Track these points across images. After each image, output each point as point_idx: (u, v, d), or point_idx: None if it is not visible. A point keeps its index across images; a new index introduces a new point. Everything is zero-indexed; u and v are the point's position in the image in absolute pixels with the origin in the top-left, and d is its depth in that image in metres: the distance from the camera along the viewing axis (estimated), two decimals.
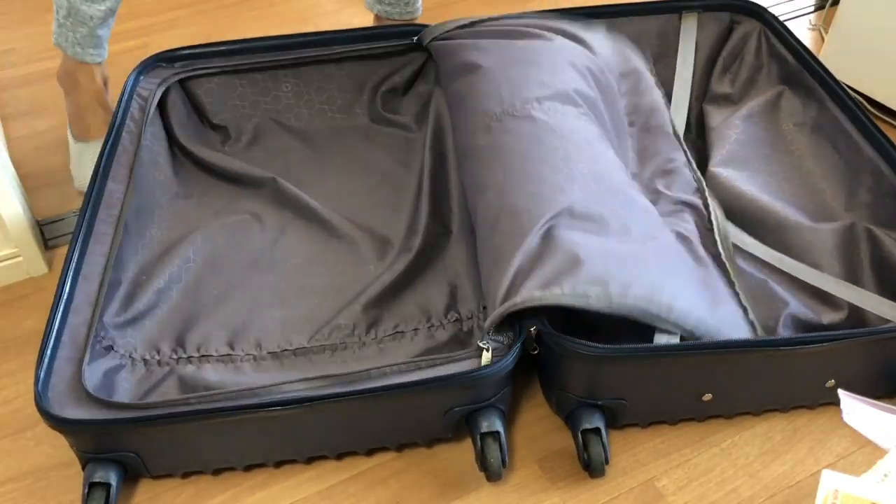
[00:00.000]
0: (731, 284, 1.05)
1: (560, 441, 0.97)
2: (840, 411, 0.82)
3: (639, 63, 1.32)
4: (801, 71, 1.29)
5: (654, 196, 1.15)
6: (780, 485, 0.93)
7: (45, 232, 1.27)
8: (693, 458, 0.96)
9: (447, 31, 1.29)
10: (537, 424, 0.99)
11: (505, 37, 1.25)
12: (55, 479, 0.96)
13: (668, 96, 1.38)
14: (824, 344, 0.90)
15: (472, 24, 1.29)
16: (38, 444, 0.99)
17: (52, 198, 1.34)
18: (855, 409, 0.82)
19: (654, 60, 1.41)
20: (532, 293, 0.89)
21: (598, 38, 1.30)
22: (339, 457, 0.96)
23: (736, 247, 1.12)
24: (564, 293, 0.89)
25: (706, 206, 1.13)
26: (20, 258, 1.19)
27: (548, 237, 0.95)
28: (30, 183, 1.36)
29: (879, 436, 0.81)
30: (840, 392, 0.82)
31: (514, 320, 0.93)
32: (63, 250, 1.25)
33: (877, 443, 0.82)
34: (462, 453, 0.96)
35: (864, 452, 0.95)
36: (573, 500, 0.92)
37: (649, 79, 1.31)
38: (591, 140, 1.08)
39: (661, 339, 0.90)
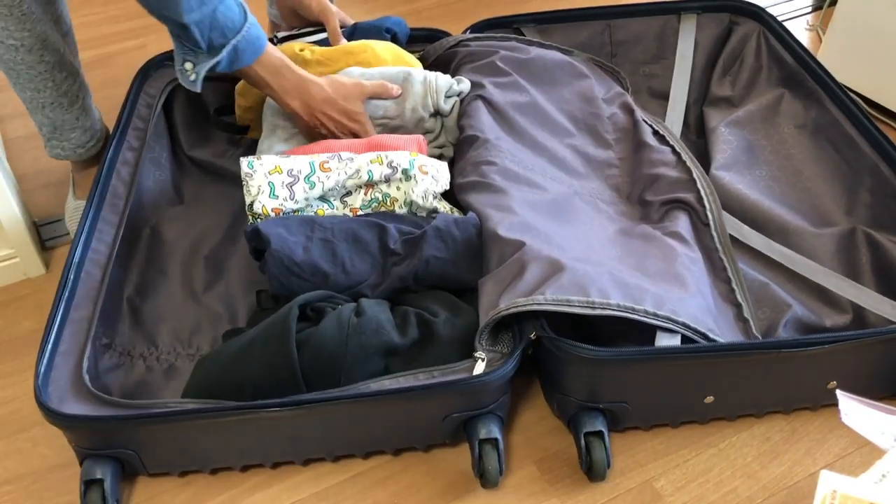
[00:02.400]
0: (727, 281, 1.05)
1: (558, 442, 0.97)
2: (838, 412, 0.82)
3: (615, 84, 1.32)
4: (801, 72, 1.29)
5: (644, 208, 1.15)
6: (778, 485, 0.93)
7: (41, 233, 1.27)
8: (691, 458, 0.95)
9: (438, 55, 1.31)
10: (535, 426, 0.99)
11: (480, 68, 1.25)
12: (52, 481, 0.95)
13: (666, 97, 1.38)
14: (826, 346, 0.90)
15: (459, 43, 1.31)
16: (35, 446, 0.99)
17: (49, 198, 1.34)
18: (853, 409, 0.82)
19: (652, 62, 1.41)
20: (515, 300, 0.90)
21: (579, 61, 1.31)
22: (337, 459, 0.96)
23: (735, 240, 1.11)
24: (547, 299, 0.89)
25: (700, 200, 1.11)
26: (17, 259, 1.19)
27: (527, 251, 0.96)
28: (27, 184, 1.36)
29: (877, 436, 0.81)
30: (838, 392, 0.82)
31: (512, 328, 0.93)
32: (60, 251, 1.25)
33: (875, 443, 0.81)
34: (459, 455, 0.96)
35: (861, 453, 0.95)
36: (571, 502, 0.91)
37: (626, 96, 1.29)
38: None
39: (662, 341, 0.90)
